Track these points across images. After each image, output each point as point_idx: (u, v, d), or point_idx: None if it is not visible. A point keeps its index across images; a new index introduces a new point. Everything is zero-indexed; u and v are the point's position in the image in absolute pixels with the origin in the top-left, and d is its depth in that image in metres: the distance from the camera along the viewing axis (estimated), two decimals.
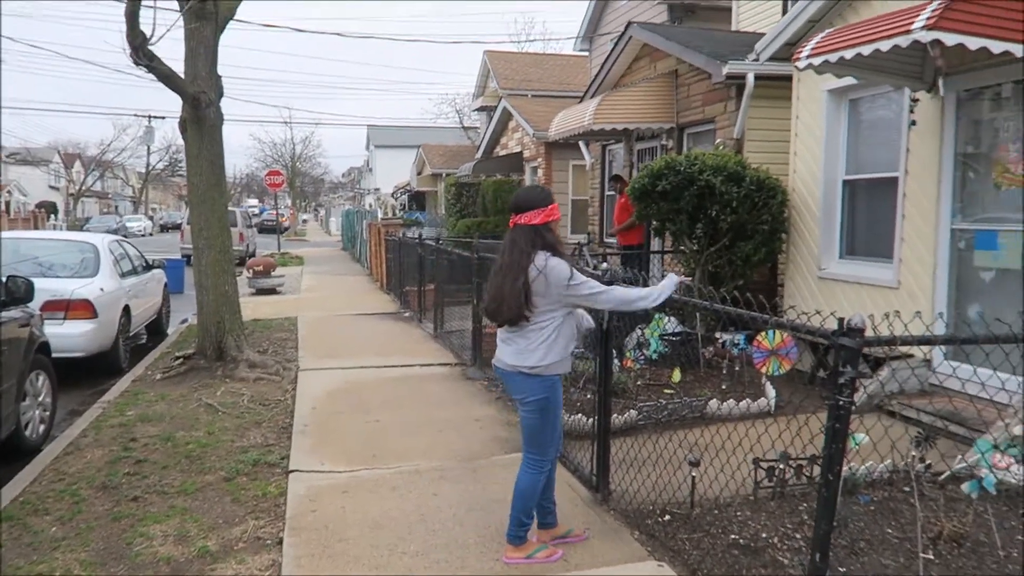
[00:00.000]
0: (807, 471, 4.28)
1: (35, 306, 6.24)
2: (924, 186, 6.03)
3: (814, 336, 2.76)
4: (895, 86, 6.22)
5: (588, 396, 5.66)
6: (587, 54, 20.14)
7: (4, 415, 5.23)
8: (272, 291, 15.38)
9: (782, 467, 4.27)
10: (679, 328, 7.34)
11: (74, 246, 8.90)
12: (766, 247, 7.51)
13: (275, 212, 34.17)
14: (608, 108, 10.44)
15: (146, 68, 7.27)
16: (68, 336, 7.50)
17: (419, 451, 5.33)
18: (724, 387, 6.52)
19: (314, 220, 77.35)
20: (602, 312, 4.15)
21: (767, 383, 6.11)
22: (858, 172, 7.02)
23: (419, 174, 32.92)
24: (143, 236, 44.67)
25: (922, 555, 3.51)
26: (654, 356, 6.54)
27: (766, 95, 8.51)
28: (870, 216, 6.91)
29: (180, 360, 7.97)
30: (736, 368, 6.71)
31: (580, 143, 13.50)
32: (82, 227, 41.98)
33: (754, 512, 4.14)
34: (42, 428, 5.99)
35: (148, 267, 10.47)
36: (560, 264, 3.48)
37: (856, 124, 7.07)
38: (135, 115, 54.94)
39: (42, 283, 6.90)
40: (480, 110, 28.30)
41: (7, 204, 48.15)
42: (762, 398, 6.02)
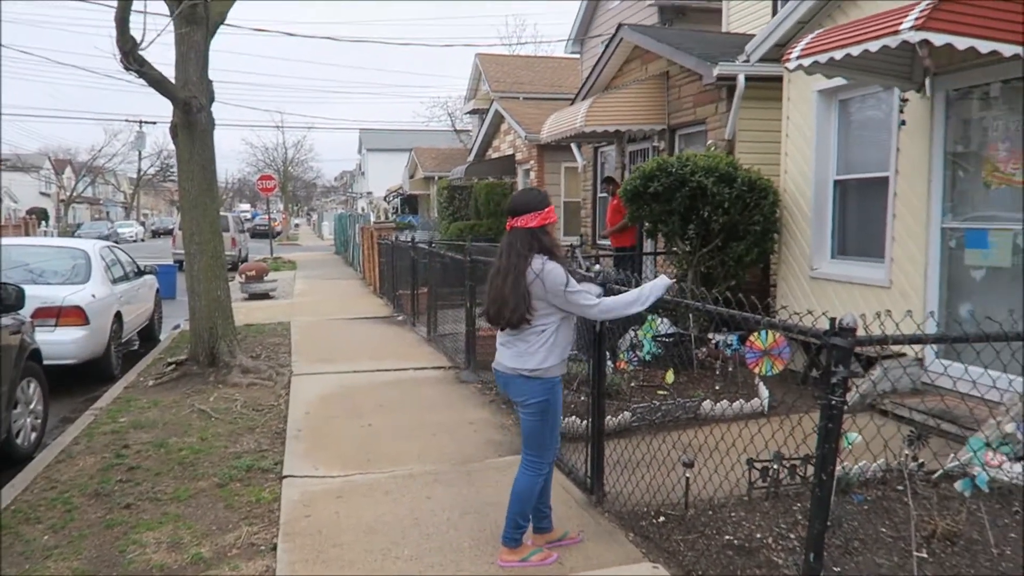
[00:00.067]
0: (801, 471, 4.29)
1: (26, 313, 6.21)
2: (914, 186, 6.06)
3: (806, 336, 2.77)
4: (885, 86, 6.25)
5: (582, 398, 5.66)
6: (578, 56, 20.21)
7: None
8: (265, 296, 15.34)
9: (776, 467, 4.28)
10: (672, 329, 7.35)
11: (65, 252, 8.86)
12: (758, 248, 7.53)
13: (267, 217, 34.08)
14: (600, 110, 10.46)
15: (137, 73, 7.25)
16: (59, 343, 7.47)
17: (413, 455, 5.32)
18: (717, 388, 6.54)
19: (307, 224, 77.22)
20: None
21: (760, 383, 6.12)
22: (849, 172, 7.05)
23: (411, 177, 32.95)
24: (135, 242, 44.55)
25: (916, 554, 3.53)
26: (647, 357, 6.55)
27: (757, 96, 8.53)
28: (861, 216, 6.94)
29: (173, 366, 7.94)
30: (729, 369, 6.73)
31: (572, 145, 13.52)
32: (73, 233, 41.83)
33: (748, 512, 4.14)
34: (34, 436, 5.96)
35: (140, 273, 10.43)
36: (557, 269, 3.48)
37: (846, 124, 7.10)
38: (126, 120, 54.80)
39: (33, 290, 6.86)
40: (472, 113, 28.34)
41: None
42: (755, 398, 6.04)
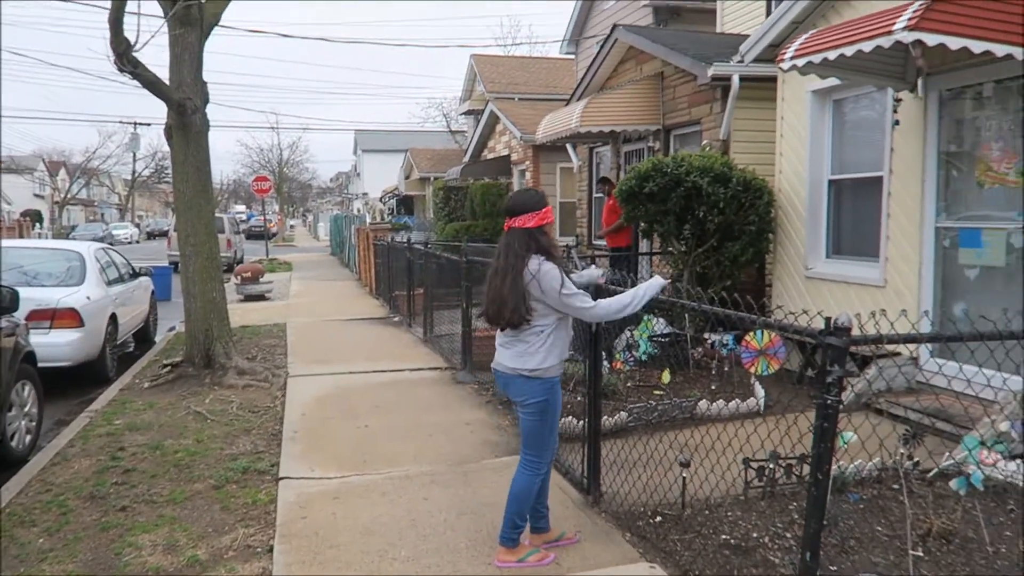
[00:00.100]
0: (797, 470, 4.30)
1: (21, 315, 6.20)
2: (908, 185, 6.08)
3: (802, 336, 2.77)
4: (878, 86, 6.27)
5: (578, 398, 5.66)
6: (573, 57, 20.22)
7: None
8: (260, 297, 15.30)
9: (772, 467, 4.29)
10: (668, 329, 7.36)
11: (60, 254, 8.83)
12: (753, 247, 7.55)
13: (263, 218, 34.05)
14: (595, 110, 10.47)
15: (131, 75, 7.23)
16: (54, 345, 7.44)
17: (409, 456, 5.32)
18: (713, 387, 6.55)
19: (302, 225, 77.10)
20: None
21: (756, 383, 6.14)
22: (843, 172, 7.07)
23: (407, 178, 32.93)
24: (130, 243, 44.42)
25: (911, 552, 3.54)
26: (643, 357, 6.55)
27: (751, 96, 8.55)
28: (856, 215, 6.96)
29: (168, 368, 7.92)
30: (725, 368, 6.73)
31: (567, 146, 13.53)
32: (68, 235, 41.73)
33: (745, 512, 4.15)
34: (28, 439, 5.94)
35: (135, 275, 10.41)
36: (552, 270, 3.48)
37: (840, 124, 7.11)
38: (120, 122, 54.67)
39: (28, 292, 6.84)
40: (467, 114, 28.33)
41: None
42: (751, 398, 6.05)
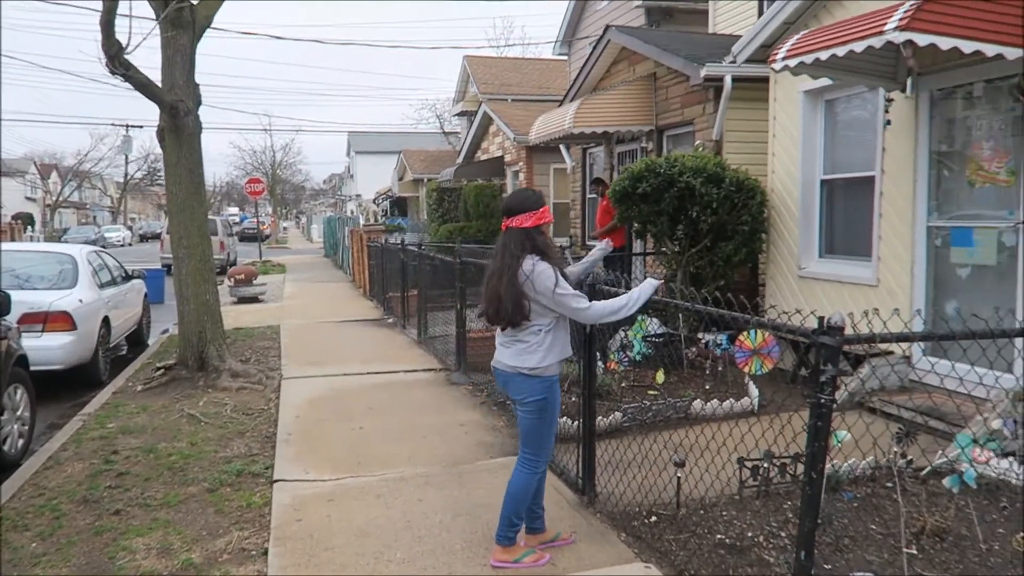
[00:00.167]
0: (791, 469, 4.31)
1: (13, 319, 6.17)
2: (900, 185, 6.10)
3: (795, 335, 2.78)
4: (870, 86, 6.29)
5: (573, 399, 5.67)
6: (566, 58, 20.22)
7: None
8: (254, 299, 15.26)
9: (766, 466, 4.30)
10: (662, 329, 7.38)
11: (52, 257, 8.80)
12: (747, 247, 7.56)
13: (256, 220, 33.96)
14: (588, 111, 10.48)
15: (122, 77, 7.21)
16: (47, 349, 7.41)
17: (404, 458, 5.31)
18: (708, 387, 6.56)
19: (295, 227, 76.93)
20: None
21: (750, 382, 6.15)
22: (835, 172, 7.09)
23: (400, 180, 32.88)
24: (122, 246, 44.29)
25: (905, 550, 3.55)
26: (638, 358, 6.57)
27: (744, 97, 8.57)
28: (848, 215, 6.98)
29: (161, 371, 7.89)
30: (719, 368, 6.75)
31: (561, 147, 13.53)
32: (60, 238, 41.54)
33: (739, 511, 4.16)
34: (21, 443, 5.91)
35: (128, 277, 10.37)
36: (547, 271, 3.49)
37: (832, 124, 7.14)
38: (112, 124, 54.10)
39: (19, 295, 6.82)
40: (460, 115, 28.32)
41: None
42: (745, 397, 6.06)
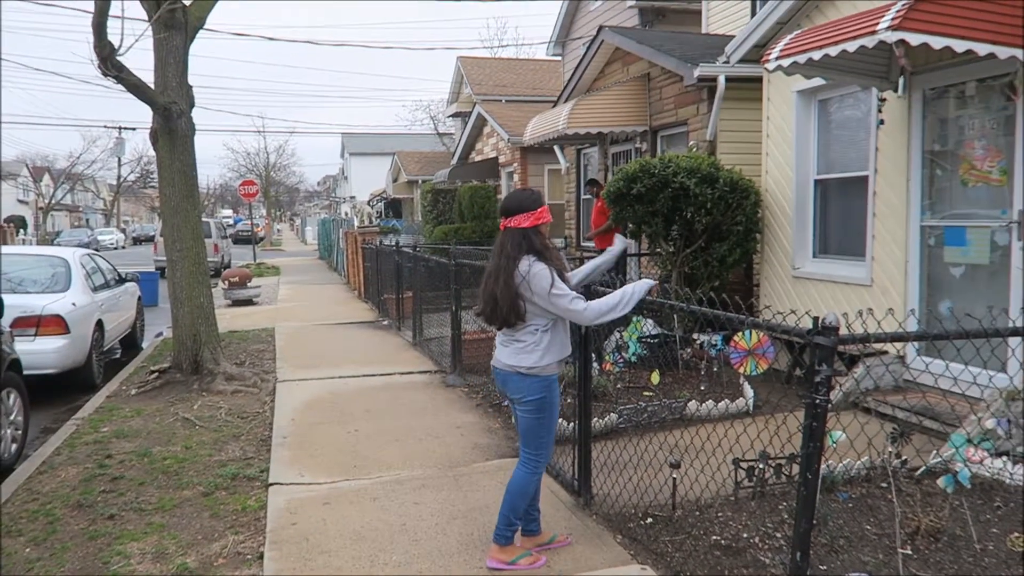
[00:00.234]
0: (786, 470, 4.32)
1: (5, 323, 6.13)
2: (893, 184, 6.12)
3: (790, 335, 2.79)
4: (863, 86, 6.31)
5: (569, 400, 5.66)
6: (560, 58, 20.24)
7: None
8: (248, 302, 15.23)
9: (762, 467, 4.30)
10: (657, 330, 7.38)
11: (45, 261, 8.77)
12: (741, 248, 7.58)
13: (250, 222, 33.89)
14: (582, 112, 10.49)
15: (115, 79, 7.18)
16: (40, 353, 7.38)
17: (400, 460, 5.30)
18: (703, 388, 6.57)
19: (290, 229, 76.76)
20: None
21: (745, 383, 6.16)
22: (829, 171, 7.11)
23: (395, 181, 32.86)
24: (115, 249, 44.13)
25: (900, 550, 3.56)
26: (633, 359, 6.57)
27: (737, 97, 8.59)
28: (842, 215, 7.00)
29: (155, 374, 7.86)
30: (714, 369, 6.76)
31: (555, 147, 13.55)
32: (53, 241, 41.38)
33: (735, 512, 4.16)
34: (14, 447, 5.88)
35: (121, 280, 10.34)
36: (543, 271, 3.48)
37: (826, 124, 7.16)
38: (105, 127, 54.16)
39: (12, 299, 6.79)
40: (455, 116, 28.31)
41: None
42: (740, 398, 6.07)
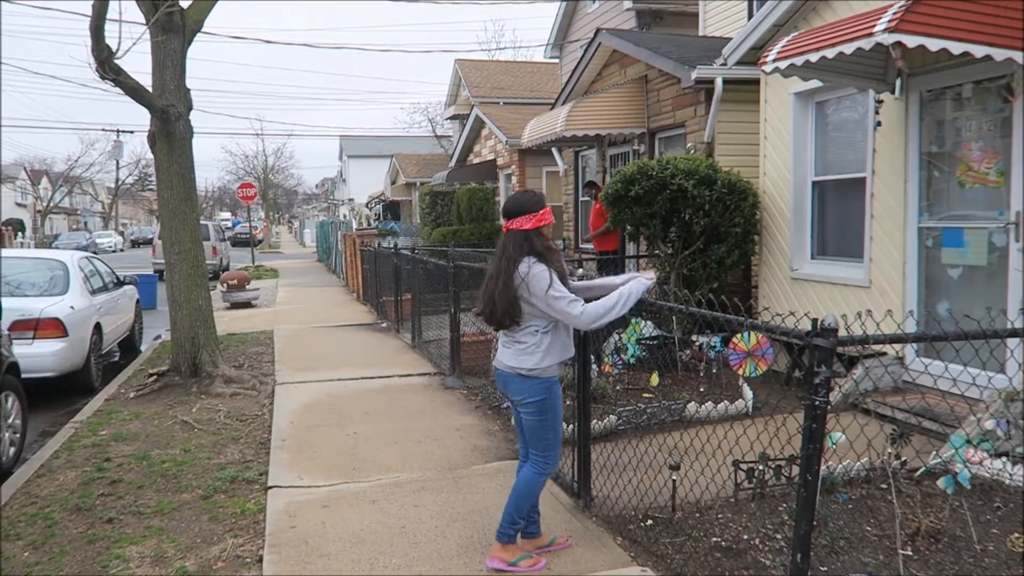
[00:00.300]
0: (786, 471, 4.32)
1: (4, 325, 6.13)
2: (891, 186, 6.13)
3: (789, 337, 2.79)
4: (860, 88, 6.32)
5: (568, 402, 5.65)
6: (557, 61, 20.26)
7: None
8: (247, 305, 15.23)
9: (761, 468, 4.30)
10: (656, 332, 7.38)
11: (43, 264, 8.76)
12: (739, 249, 7.58)
13: (248, 225, 33.88)
14: (580, 114, 10.50)
15: (113, 82, 7.18)
16: (38, 356, 7.37)
17: (399, 463, 5.30)
18: (702, 390, 6.57)
19: (288, 232, 76.72)
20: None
21: (744, 385, 6.16)
22: (827, 173, 7.12)
23: (393, 183, 32.87)
24: (114, 252, 44.12)
25: (901, 551, 3.56)
26: (632, 360, 6.56)
27: (735, 99, 8.60)
28: (840, 216, 7.01)
29: (154, 377, 7.85)
30: (713, 370, 6.76)
31: (553, 150, 13.55)
32: (51, 244, 41.33)
33: (735, 514, 4.16)
34: (12, 451, 5.87)
35: (119, 283, 10.33)
36: (542, 272, 3.48)
37: (823, 126, 7.17)
38: (103, 129, 53.75)
39: (10, 302, 6.79)
40: (452, 118, 28.31)
41: None
42: (740, 400, 6.07)
